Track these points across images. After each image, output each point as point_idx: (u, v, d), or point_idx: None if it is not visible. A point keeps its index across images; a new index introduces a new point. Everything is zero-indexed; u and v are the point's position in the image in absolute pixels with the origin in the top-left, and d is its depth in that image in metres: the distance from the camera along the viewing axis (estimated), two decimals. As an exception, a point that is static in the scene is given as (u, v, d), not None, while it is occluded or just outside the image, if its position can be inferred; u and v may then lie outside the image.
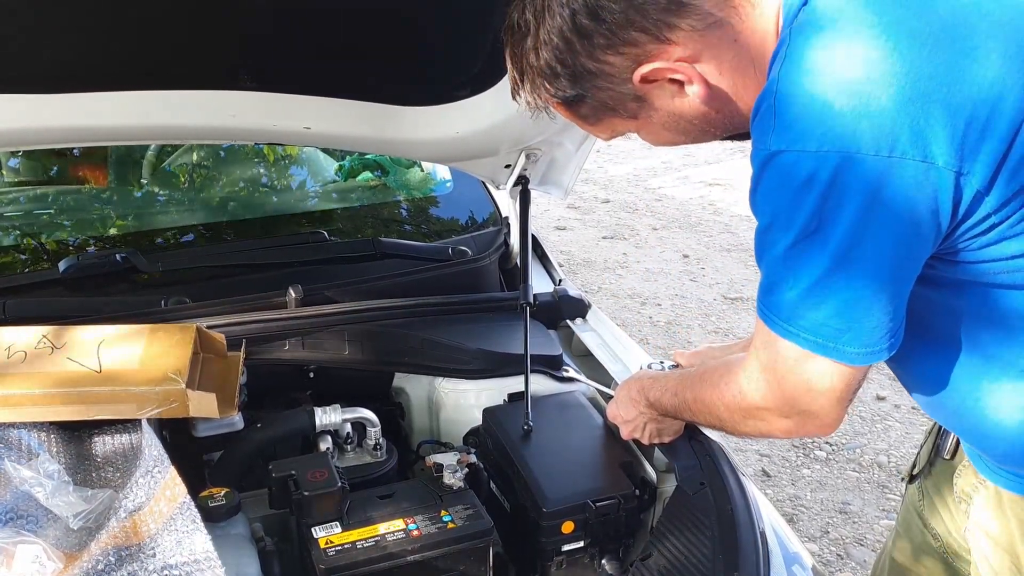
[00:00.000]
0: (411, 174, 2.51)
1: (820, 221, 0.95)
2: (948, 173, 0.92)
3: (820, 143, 0.92)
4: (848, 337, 0.99)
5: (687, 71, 1.04)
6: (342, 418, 1.58)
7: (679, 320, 4.54)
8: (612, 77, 1.07)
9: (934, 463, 1.44)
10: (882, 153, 0.90)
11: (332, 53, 1.59)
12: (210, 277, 1.96)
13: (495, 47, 1.63)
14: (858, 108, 0.91)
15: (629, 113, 1.12)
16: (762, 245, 1.04)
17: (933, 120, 0.90)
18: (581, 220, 6.12)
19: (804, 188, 0.94)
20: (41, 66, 1.47)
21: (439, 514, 1.35)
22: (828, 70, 0.93)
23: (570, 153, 1.93)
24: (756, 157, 0.99)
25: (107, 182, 2.33)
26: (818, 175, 0.93)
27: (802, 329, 1.01)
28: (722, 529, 1.26)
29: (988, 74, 0.92)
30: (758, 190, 1.01)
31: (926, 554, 1.50)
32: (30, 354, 1.38)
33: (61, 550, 1.14)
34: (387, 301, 1.81)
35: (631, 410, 1.43)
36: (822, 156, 0.92)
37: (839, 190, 0.92)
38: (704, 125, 1.12)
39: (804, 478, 3.26)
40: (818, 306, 0.99)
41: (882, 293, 0.98)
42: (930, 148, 0.91)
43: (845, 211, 0.93)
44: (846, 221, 0.93)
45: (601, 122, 1.17)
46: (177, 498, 1.16)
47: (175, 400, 1.35)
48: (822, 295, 0.98)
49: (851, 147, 0.91)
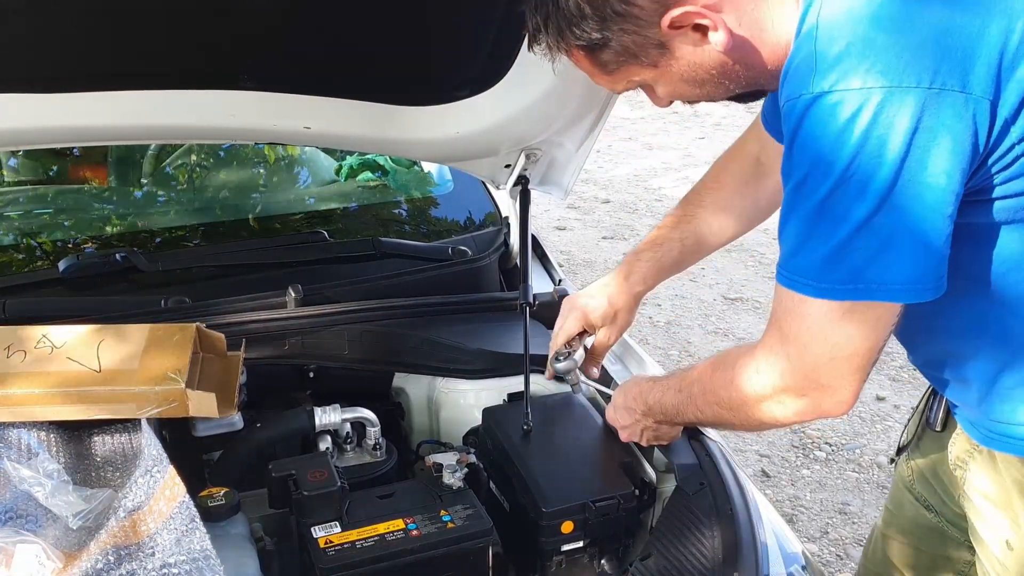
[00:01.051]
0: (411, 174, 2.51)
1: (863, 160, 0.95)
2: (984, 103, 0.94)
3: (864, 79, 0.93)
4: (894, 271, 0.99)
5: (713, 17, 1.05)
6: (342, 418, 1.58)
7: (679, 320, 4.54)
8: (640, 20, 1.07)
9: (922, 438, 1.47)
10: (923, 85, 0.92)
11: (332, 53, 1.59)
12: (210, 277, 1.96)
13: (495, 47, 1.65)
14: (899, 42, 0.93)
15: (650, 60, 1.12)
16: (792, 204, 1.03)
17: (970, 50, 0.93)
18: (581, 220, 6.12)
19: (848, 127, 0.95)
20: (41, 66, 1.47)
21: (439, 514, 1.35)
22: (867, 10, 0.95)
23: (570, 153, 1.93)
24: (793, 109, 1.00)
25: (107, 182, 2.33)
26: (862, 111, 0.94)
27: (836, 282, 1.01)
28: (722, 529, 1.26)
29: (1017, 3, 0.95)
30: (795, 141, 1.00)
31: (921, 528, 1.52)
32: (30, 354, 1.38)
33: (60, 549, 1.14)
34: (387, 301, 1.81)
35: (627, 416, 1.44)
36: (866, 92, 0.93)
37: (883, 125, 0.93)
38: (720, 77, 1.12)
39: (804, 478, 3.26)
40: (860, 252, 0.98)
41: (927, 229, 0.98)
42: (968, 78, 0.93)
43: (889, 146, 0.94)
44: (891, 156, 0.94)
45: (619, 70, 1.15)
46: (176, 497, 1.16)
47: (175, 400, 1.35)
48: (865, 238, 0.98)
49: (894, 81, 0.93)
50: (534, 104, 1.71)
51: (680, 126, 8.37)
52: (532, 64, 1.61)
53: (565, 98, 1.71)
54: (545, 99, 1.70)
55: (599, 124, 1.82)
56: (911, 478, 1.52)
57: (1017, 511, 1.24)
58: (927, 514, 1.50)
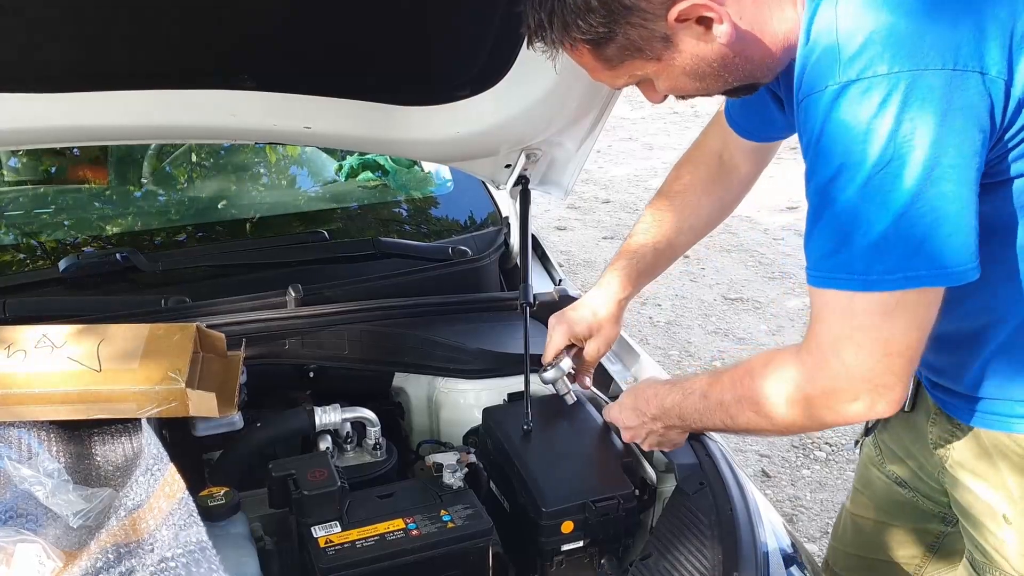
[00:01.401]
0: (411, 174, 2.51)
1: (900, 144, 0.95)
2: (1000, 83, 0.96)
3: (891, 64, 0.94)
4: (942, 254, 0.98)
5: (718, 10, 1.06)
6: (342, 418, 1.58)
7: (679, 320, 4.54)
8: (647, 13, 1.07)
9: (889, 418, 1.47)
10: (947, 67, 0.94)
11: (332, 53, 1.59)
12: (210, 277, 1.97)
13: (495, 47, 1.65)
14: (920, 27, 0.94)
15: (654, 54, 1.12)
16: (824, 200, 1.02)
17: (984, 32, 0.95)
18: (581, 220, 6.12)
19: (879, 113, 0.95)
20: (41, 66, 1.47)
21: (439, 514, 1.35)
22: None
23: (570, 153, 1.93)
24: (818, 102, 0.99)
25: (107, 182, 2.33)
26: (892, 96, 0.94)
27: (885, 272, 0.99)
28: (722, 529, 1.26)
29: None
30: (823, 134, 1.00)
31: (894, 504, 1.56)
32: (30, 353, 1.38)
33: (61, 549, 1.14)
34: (387, 301, 1.81)
35: (634, 418, 1.42)
36: (894, 77, 0.94)
37: (915, 108, 0.94)
38: (721, 70, 1.13)
39: (804, 478, 3.26)
40: (905, 239, 0.98)
41: (966, 209, 0.98)
42: (985, 59, 0.95)
43: (923, 129, 0.94)
44: (925, 139, 0.94)
45: (622, 65, 1.15)
46: (176, 494, 1.16)
47: (175, 399, 1.35)
48: (909, 223, 0.97)
49: (920, 64, 0.94)
50: (534, 104, 1.71)
51: (680, 126, 8.37)
52: (532, 64, 1.62)
53: (565, 98, 1.71)
54: (545, 99, 1.70)
55: (599, 124, 1.82)
56: (880, 458, 1.55)
57: (1011, 487, 1.25)
58: (900, 490, 1.53)
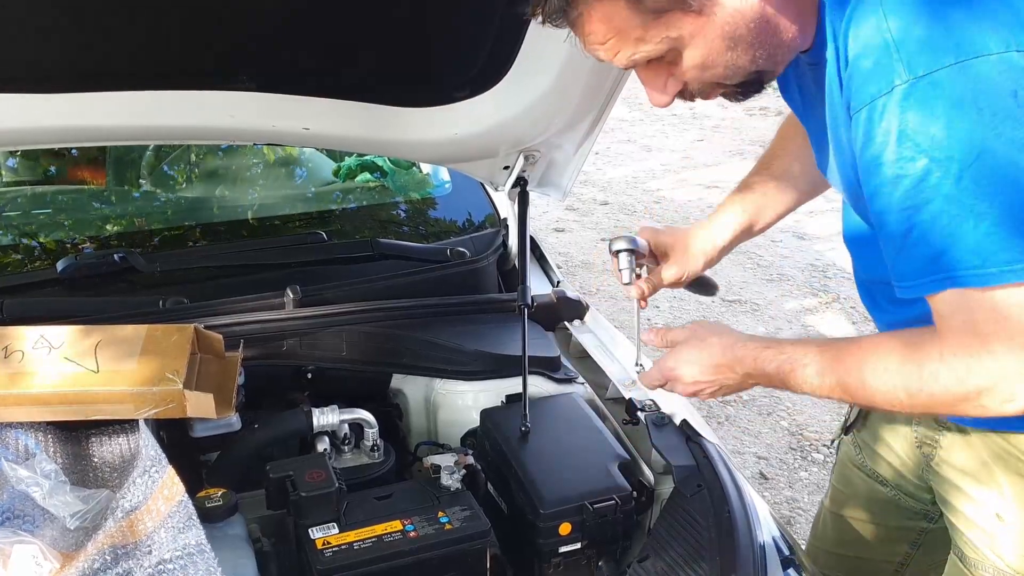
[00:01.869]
0: (410, 175, 2.51)
1: (988, 130, 0.93)
2: None
3: (956, 54, 0.93)
4: None
5: None
6: (340, 419, 1.58)
7: (677, 322, 4.54)
8: None
9: (867, 417, 1.52)
10: (1011, 48, 0.93)
11: (332, 54, 1.59)
12: (208, 277, 1.97)
13: (494, 48, 1.65)
14: (973, 14, 0.94)
15: (696, 6, 1.05)
16: (917, 205, 0.97)
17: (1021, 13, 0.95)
18: (580, 222, 6.12)
19: (958, 103, 0.93)
20: (41, 66, 1.47)
21: (437, 515, 1.35)
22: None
23: (569, 155, 1.93)
24: (886, 106, 0.96)
25: (105, 182, 2.33)
26: (966, 84, 0.93)
27: (1006, 262, 0.94)
28: (719, 531, 1.26)
29: None
30: (900, 136, 0.96)
31: (875, 502, 1.56)
32: (27, 354, 1.38)
33: (58, 550, 1.14)
34: (385, 302, 1.81)
35: (713, 373, 1.28)
36: (962, 67, 0.93)
37: (990, 92, 0.93)
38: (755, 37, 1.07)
39: (801, 480, 3.26)
40: (1019, 223, 0.94)
41: None
42: None
43: (1007, 108, 0.93)
44: (1007, 120, 0.93)
45: (661, 19, 1.07)
46: (175, 497, 1.16)
47: (172, 400, 1.35)
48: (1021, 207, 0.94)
49: (984, 50, 0.93)
50: (533, 105, 1.71)
51: (679, 128, 8.37)
52: (531, 65, 1.62)
53: (564, 99, 1.71)
54: (544, 100, 1.70)
55: (598, 126, 1.82)
56: (860, 456, 1.56)
57: (1002, 484, 1.26)
58: (881, 488, 1.53)
